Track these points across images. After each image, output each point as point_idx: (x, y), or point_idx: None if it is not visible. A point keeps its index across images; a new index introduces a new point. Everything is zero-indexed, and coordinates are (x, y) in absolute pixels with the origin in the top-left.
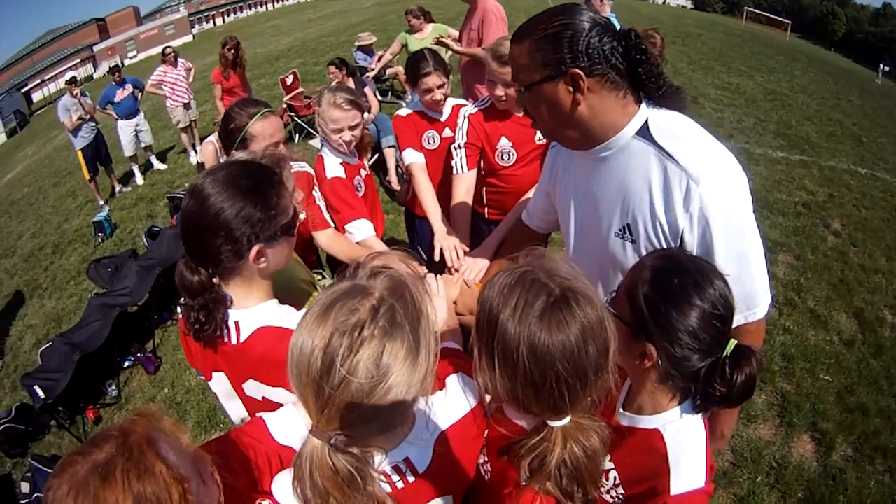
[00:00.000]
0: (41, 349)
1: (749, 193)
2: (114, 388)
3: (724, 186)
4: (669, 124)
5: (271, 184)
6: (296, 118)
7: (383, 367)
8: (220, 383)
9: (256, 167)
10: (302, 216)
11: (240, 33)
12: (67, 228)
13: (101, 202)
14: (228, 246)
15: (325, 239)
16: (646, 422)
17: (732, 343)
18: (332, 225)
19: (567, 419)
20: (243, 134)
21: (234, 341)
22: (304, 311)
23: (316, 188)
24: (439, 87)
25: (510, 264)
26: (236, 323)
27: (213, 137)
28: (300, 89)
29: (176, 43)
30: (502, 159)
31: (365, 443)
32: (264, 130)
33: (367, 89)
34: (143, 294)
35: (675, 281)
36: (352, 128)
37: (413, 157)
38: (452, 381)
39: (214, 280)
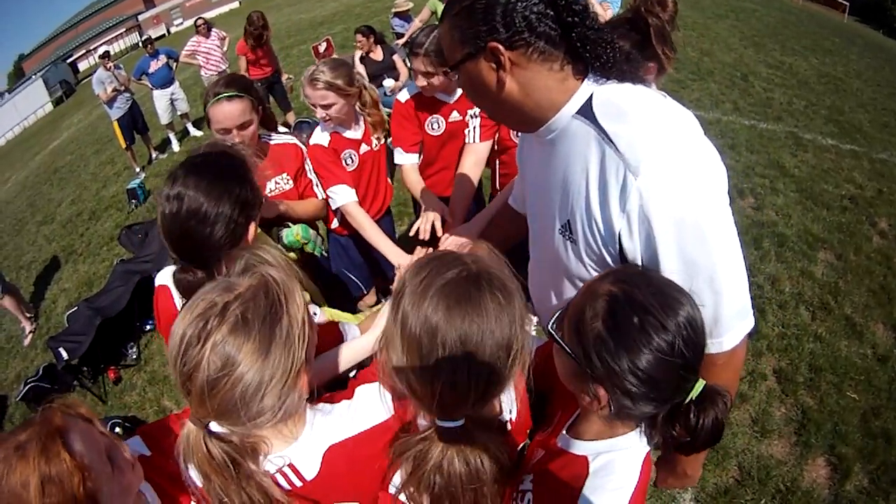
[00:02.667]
0: (67, 313)
1: (719, 187)
2: (134, 350)
3: (673, 179)
4: (617, 99)
5: (251, 164)
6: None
7: (226, 359)
8: None
9: (222, 156)
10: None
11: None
12: (104, 195)
13: (138, 169)
14: (228, 232)
15: (313, 208)
16: (577, 447)
17: (700, 385)
18: (321, 196)
19: (457, 423)
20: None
21: None
22: None
23: (307, 162)
24: (425, 73)
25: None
26: None
27: None
28: (334, 56)
29: (223, 10)
30: (517, 136)
31: (245, 433)
32: (214, 116)
33: (395, 57)
34: (166, 260)
35: (633, 320)
36: (323, 107)
37: (401, 159)
38: (363, 391)
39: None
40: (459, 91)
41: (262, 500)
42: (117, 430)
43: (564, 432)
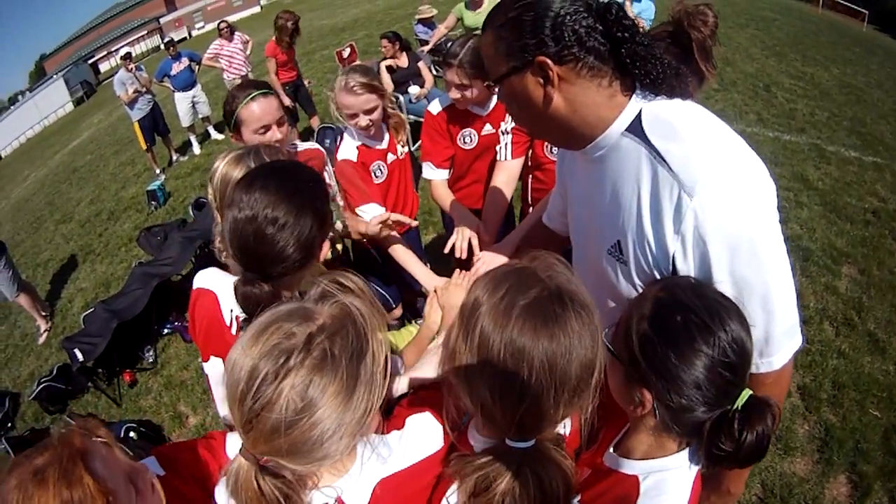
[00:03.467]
0: (84, 314)
1: (771, 208)
2: (151, 353)
3: (730, 199)
4: (668, 116)
5: (323, 181)
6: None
7: (308, 401)
8: (215, 367)
9: (299, 166)
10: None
11: (308, 4)
12: (124, 196)
13: (158, 171)
14: (304, 247)
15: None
16: (627, 466)
17: (746, 394)
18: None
19: (531, 443)
20: (234, 118)
21: None
22: None
23: (327, 169)
24: (459, 85)
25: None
26: None
27: None
28: (357, 62)
29: (244, 14)
30: (552, 152)
31: (304, 471)
32: (251, 115)
33: (420, 63)
34: (184, 264)
35: (677, 319)
36: (367, 112)
37: (430, 174)
38: (414, 421)
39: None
40: (492, 103)
41: None
42: (132, 434)
43: (611, 450)
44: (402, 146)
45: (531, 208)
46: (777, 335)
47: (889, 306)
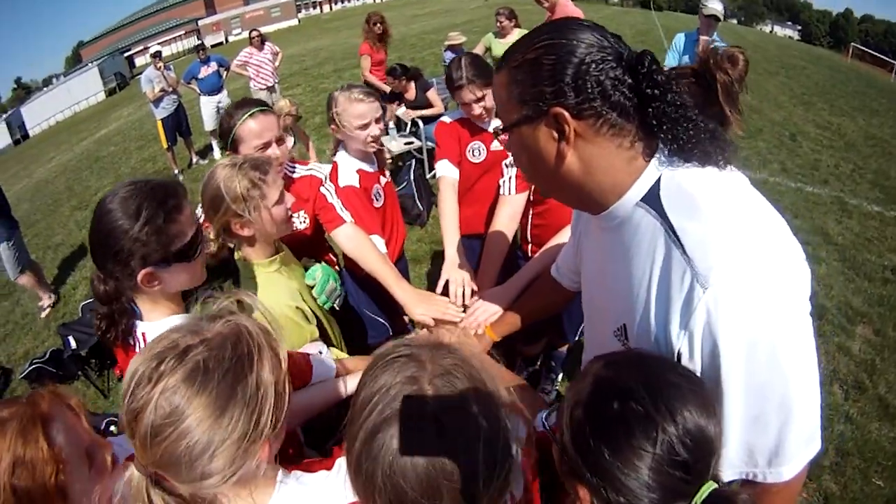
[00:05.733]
0: (83, 303)
1: (801, 304)
2: None
3: (751, 294)
4: (692, 187)
5: (163, 208)
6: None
7: (174, 408)
8: None
9: (153, 189)
10: (211, 242)
11: (345, 22)
12: None
13: (176, 171)
14: (119, 266)
15: (343, 238)
16: None
17: (707, 489)
18: (349, 219)
19: None
20: (232, 136)
21: (138, 351)
22: None
23: (325, 186)
24: (477, 100)
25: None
26: (143, 334)
27: None
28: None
29: (281, 25)
30: None
31: (191, 491)
32: (250, 132)
33: (430, 93)
34: None
35: (614, 407)
36: (377, 120)
37: (445, 171)
38: (344, 463)
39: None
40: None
41: None
42: (112, 428)
43: None
44: (387, 172)
45: (529, 244)
46: (791, 442)
47: None
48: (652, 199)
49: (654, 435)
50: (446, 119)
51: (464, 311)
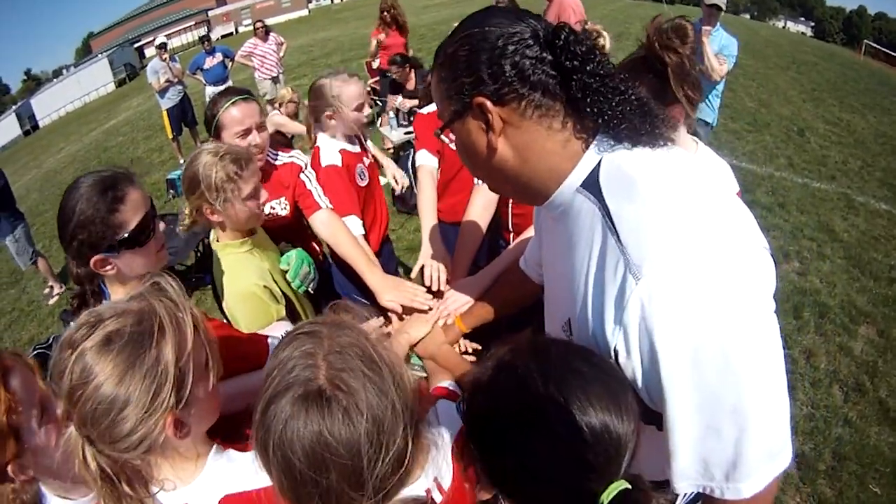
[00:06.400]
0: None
1: (755, 294)
2: None
3: (692, 290)
4: (631, 169)
5: (104, 199)
6: (379, 101)
7: (84, 371)
8: None
9: (98, 181)
10: (164, 226)
11: (355, 13)
12: (146, 181)
13: (182, 161)
14: (73, 252)
15: (318, 223)
16: None
17: (616, 488)
18: (326, 206)
19: None
20: (216, 123)
21: None
22: None
23: (305, 172)
24: None
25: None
26: None
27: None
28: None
29: (292, 16)
30: None
31: (115, 456)
32: (232, 119)
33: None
34: (187, 254)
35: (511, 394)
36: (360, 107)
37: (424, 160)
38: None
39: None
40: None
41: None
42: None
43: None
44: (370, 153)
45: (510, 234)
46: (751, 457)
47: None
48: (591, 184)
49: (550, 424)
50: (424, 111)
51: (439, 298)
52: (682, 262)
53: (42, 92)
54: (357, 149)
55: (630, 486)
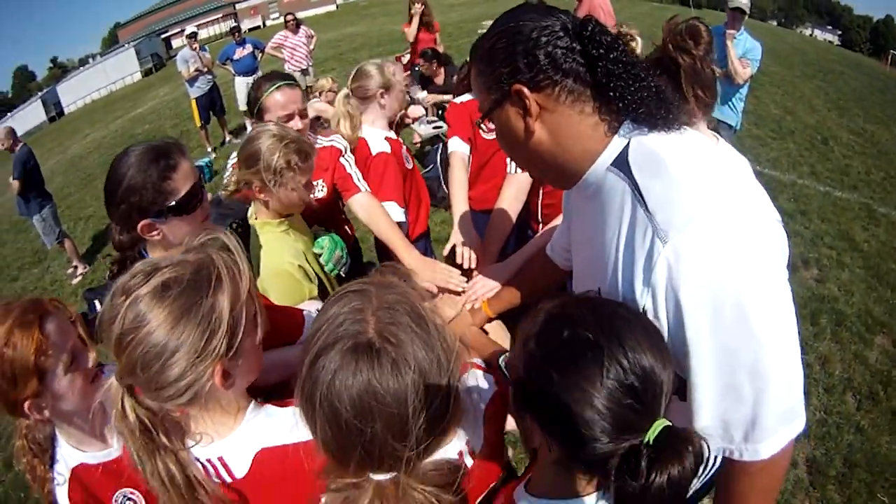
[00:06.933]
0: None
1: (771, 259)
2: None
3: (712, 248)
4: (658, 148)
5: (157, 166)
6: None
7: (137, 317)
8: None
9: (151, 149)
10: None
11: (383, 9)
12: None
13: (209, 149)
14: (121, 217)
15: (357, 205)
16: (523, 499)
17: (660, 425)
18: (364, 189)
19: (389, 476)
20: (259, 105)
21: None
22: None
23: (345, 156)
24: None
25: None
26: None
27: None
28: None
29: (319, 10)
30: None
31: (158, 405)
32: (276, 103)
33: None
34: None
35: (564, 335)
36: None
37: (456, 146)
38: None
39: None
40: None
41: (178, 473)
42: None
43: (522, 483)
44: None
45: (539, 225)
46: (768, 417)
47: None
48: (621, 162)
49: (602, 361)
50: (458, 100)
51: (467, 279)
52: (705, 226)
53: (68, 79)
54: (395, 135)
55: (670, 423)
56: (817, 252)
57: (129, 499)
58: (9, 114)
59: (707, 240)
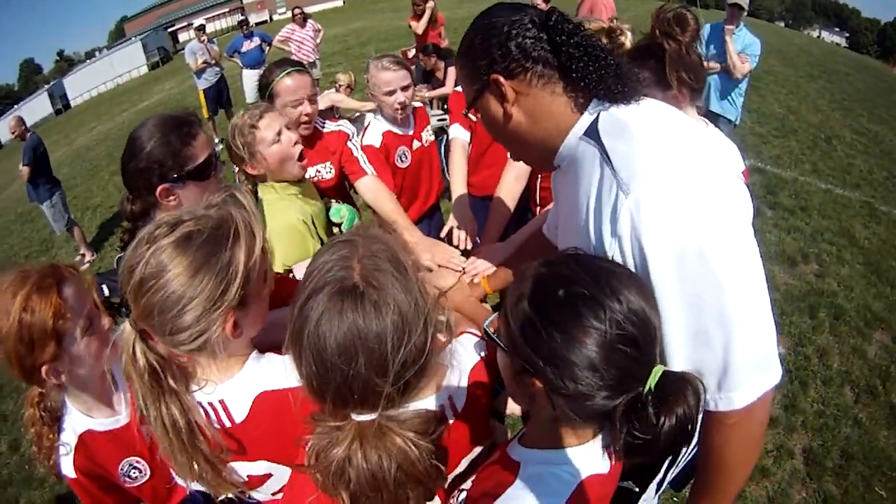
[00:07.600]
0: (117, 256)
1: (732, 214)
2: None
3: (672, 197)
4: (624, 115)
5: (177, 133)
6: None
7: (159, 265)
8: None
9: (170, 118)
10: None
11: (390, 4)
12: None
13: (217, 140)
14: (140, 182)
15: (363, 187)
16: (516, 451)
17: (658, 371)
18: (371, 172)
19: (370, 417)
20: (269, 90)
21: None
22: None
23: (353, 140)
24: None
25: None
26: None
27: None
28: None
29: (327, 6)
30: None
31: (168, 349)
32: (286, 88)
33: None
34: None
35: (559, 294)
36: (404, 88)
37: (457, 133)
38: None
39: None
40: None
41: (180, 417)
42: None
43: (518, 438)
44: (429, 135)
45: (538, 207)
46: (738, 364)
47: None
48: (592, 131)
49: (600, 312)
50: (459, 89)
51: (466, 257)
52: (664, 177)
53: (75, 72)
54: (406, 131)
55: (666, 368)
56: (817, 247)
57: (135, 467)
58: (15, 106)
59: (666, 189)
